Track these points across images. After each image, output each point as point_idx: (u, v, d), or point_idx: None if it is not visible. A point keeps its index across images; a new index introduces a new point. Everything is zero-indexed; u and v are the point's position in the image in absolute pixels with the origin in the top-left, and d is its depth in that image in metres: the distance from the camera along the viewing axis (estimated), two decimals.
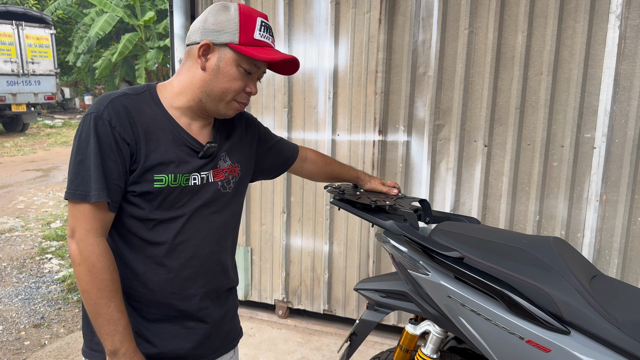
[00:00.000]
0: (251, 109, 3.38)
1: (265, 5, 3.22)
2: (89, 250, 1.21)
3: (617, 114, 2.58)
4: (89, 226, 1.22)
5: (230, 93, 1.32)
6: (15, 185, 8.40)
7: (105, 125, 1.22)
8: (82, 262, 1.21)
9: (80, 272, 1.21)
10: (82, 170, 1.21)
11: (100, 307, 1.21)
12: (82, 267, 1.21)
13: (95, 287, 1.21)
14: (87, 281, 1.21)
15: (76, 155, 1.22)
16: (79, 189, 1.21)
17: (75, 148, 1.23)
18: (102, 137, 1.22)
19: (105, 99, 1.26)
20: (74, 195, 1.21)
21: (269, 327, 3.45)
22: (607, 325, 1.32)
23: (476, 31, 2.78)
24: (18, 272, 4.66)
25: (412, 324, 1.82)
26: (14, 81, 14.45)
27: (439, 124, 2.93)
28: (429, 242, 1.59)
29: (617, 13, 2.51)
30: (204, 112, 1.36)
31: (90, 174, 1.21)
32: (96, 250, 1.21)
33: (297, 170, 1.82)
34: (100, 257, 1.22)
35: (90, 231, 1.22)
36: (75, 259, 1.22)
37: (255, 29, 1.29)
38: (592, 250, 2.72)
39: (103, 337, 1.23)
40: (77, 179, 1.21)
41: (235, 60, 1.29)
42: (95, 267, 1.21)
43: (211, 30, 1.29)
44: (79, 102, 23.98)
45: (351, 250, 3.27)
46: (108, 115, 1.23)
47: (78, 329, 3.54)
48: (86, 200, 1.20)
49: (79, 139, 1.23)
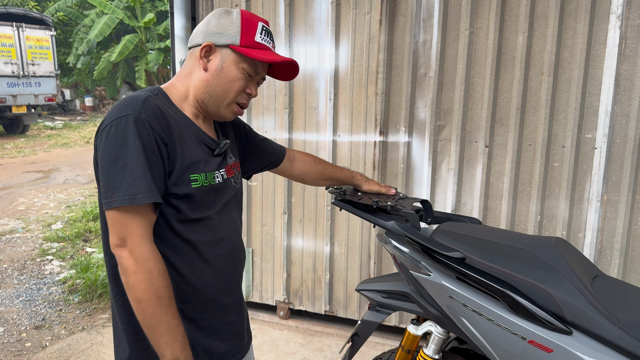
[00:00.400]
0: (252, 110, 3.39)
1: (266, 7, 3.22)
2: (145, 258, 1.16)
3: (618, 114, 2.58)
4: (142, 231, 1.17)
5: (231, 93, 1.34)
6: (16, 186, 8.40)
7: (146, 126, 1.18)
8: (138, 270, 1.15)
9: (137, 281, 1.15)
10: (125, 174, 1.15)
11: (159, 315, 1.17)
12: (139, 275, 1.15)
13: (154, 295, 1.16)
14: (144, 290, 1.15)
15: (116, 160, 1.16)
16: (126, 193, 1.14)
17: (114, 153, 1.16)
18: (144, 138, 1.17)
19: (136, 99, 1.22)
20: (122, 201, 1.14)
21: (270, 328, 3.45)
22: (609, 326, 1.32)
23: (477, 32, 2.78)
24: (19, 274, 4.66)
25: (413, 325, 1.82)
26: (14, 83, 14.45)
27: (439, 124, 2.93)
28: (430, 243, 1.59)
29: (618, 13, 2.51)
30: (206, 114, 1.40)
31: (137, 176, 1.15)
32: (152, 257, 1.17)
33: (289, 171, 1.84)
34: (157, 263, 1.18)
35: (144, 237, 1.17)
36: (130, 268, 1.15)
37: (256, 32, 1.33)
38: (593, 250, 2.72)
39: (162, 346, 1.18)
40: (123, 184, 1.15)
41: (236, 61, 1.32)
42: (153, 274, 1.16)
43: (213, 33, 1.32)
44: (79, 104, 23.97)
45: (352, 251, 3.27)
46: (146, 115, 1.19)
47: (79, 330, 3.55)
48: (136, 203, 1.14)
49: (115, 142, 1.16)
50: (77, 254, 5.18)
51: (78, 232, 5.83)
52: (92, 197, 7.75)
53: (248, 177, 1.76)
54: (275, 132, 3.34)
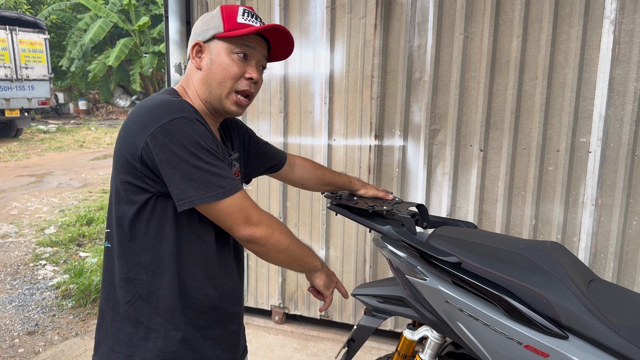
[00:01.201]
0: (247, 114, 3.38)
1: (261, 11, 3.22)
2: (272, 219, 1.31)
3: (611, 118, 2.60)
4: (253, 204, 1.29)
5: (227, 81, 1.33)
6: (9, 190, 8.35)
7: (202, 123, 1.25)
8: (275, 230, 1.30)
9: (279, 238, 1.30)
10: (212, 169, 1.21)
11: (300, 247, 1.38)
12: (277, 234, 1.30)
13: (291, 238, 1.35)
14: (285, 239, 1.32)
15: (193, 158, 1.19)
16: (225, 185, 1.22)
17: (187, 153, 1.19)
18: (206, 136, 1.24)
19: (175, 102, 1.24)
20: (225, 193, 1.22)
21: (265, 333, 3.44)
22: (605, 330, 1.32)
23: (471, 36, 2.79)
24: (12, 279, 4.62)
25: (409, 330, 1.82)
26: (7, 86, 14.39)
27: (434, 128, 2.94)
28: (426, 247, 1.59)
29: (611, 18, 2.53)
30: (214, 112, 1.40)
31: (221, 167, 1.24)
32: (271, 216, 1.33)
33: (288, 176, 1.85)
34: (275, 218, 1.34)
35: (254, 207, 1.28)
36: (267, 235, 1.28)
37: (237, 15, 1.34)
38: (588, 254, 2.72)
39: (311, 262, 1.42)
40: (212, 179, 1.21)
41: (225, 48, 1.33)
42: (283, 226, 1.34)
43: (199, 32, 1.37)
44: (73, 107, 23.87)
45: (348, 256, 3.27)
46: (197, 115, 1.25)
47: (72, 335, 3.52)
48: (231, 193, 1.23)
49: (186, 141, 1.19)
50: (70, 259, 5.15)
51: (71, 236, 5.80)
52: (85, 202, 7.71)
53: (247, 181, 1.76)
54: (271, 136, 3.33)
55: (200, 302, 1.33)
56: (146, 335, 1.30)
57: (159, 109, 1.21)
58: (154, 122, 1.19)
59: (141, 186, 1.24)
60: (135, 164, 1.22)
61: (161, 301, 1.29)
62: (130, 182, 1.25)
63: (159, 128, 1.18)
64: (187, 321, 1.32)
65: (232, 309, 1.43)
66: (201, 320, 1.35)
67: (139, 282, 1.30)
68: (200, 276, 1.32)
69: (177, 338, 1.31)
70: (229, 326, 1.43)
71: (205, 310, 1.35)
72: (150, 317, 1.30)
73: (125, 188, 1.26)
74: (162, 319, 1.30)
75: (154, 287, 1.29)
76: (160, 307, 1.30)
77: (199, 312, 1.34)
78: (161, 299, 1.29)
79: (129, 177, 1.25)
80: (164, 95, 1.29)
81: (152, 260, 1.29)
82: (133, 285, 1.30)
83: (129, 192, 1.26)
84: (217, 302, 1.37)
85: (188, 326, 1.32)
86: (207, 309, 1.35)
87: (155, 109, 1.22)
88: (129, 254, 1.30)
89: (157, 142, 1.18)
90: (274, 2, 3.18)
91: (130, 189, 1.26)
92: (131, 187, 1.25)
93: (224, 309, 1.39)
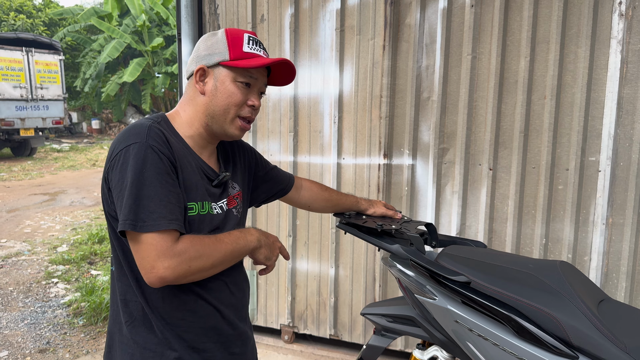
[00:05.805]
0: (257, 134, 3.42)
1: (272, 33, 3.28)
2: (186, 250, 1.20)
3: (621, 137, 2.60)
4: (170, 247, 1.19)
5: (231, 108, 1.35)
6: (22, 209, 8.45)
7: (155, 151, 1.20)
8: (192, 259, 1.20)
9: (201, 262, 1.22)
10: (145, 201, 1.17)
11: (225, 244, 1.26)
12: (195, 261, 1.20)
13: (213, 246, 1.24)
14: (209, 255, 1.23)
15: (132, 187, 1.17)
16: (146, 219, 1.16)
17: (128, 181, 1.17)
18: (156, 164, 1.19)
19: (141, 127, 1.24)
20: (143, 227, 1.16)
21: (274, 352, 3.42)
22: (615, 350, 1.31)
23: (479, 57, 2.82)
24: (24, 297, 4.66)
25: (419, 349, 1.81)
26: (22, 106, 14.65)
27: (443, 147, 2.95)
28: (435, 267, 1.59)
29: (619, 38, 2.55)
30: (213, 136, 1.41)
31: (157, 201, 1.17)
32: (188, 245, 1.21)
33: (295, 199, 1.85)
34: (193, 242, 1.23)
35: (169, 248, 1.18)
36: (184, 270, 1.20)
37: (243, 44, 1.35)
38: (599, 273, 2.70)
39: (244, 245, 1.31)
40: (143, 212, 1.16)
41: (230, 76, 1.34)
42: (199, 245, 1.23)
43: (203, 56, 1.36)
44: (86, 127, 24.22)
45: (357, 274, 3.26)
46: (154, 141, 1.21)
47: (83, 354, 3.53)
48: (156, 229, 1.16)
49: (128, 170, 1.18)
50: (82, 277, 5.18)
51: (83, 254, 5.84)
52: (97, 220, 7.78)
53: (258, 205, 1.76)
54: (280, 155, 3.37)
55: (195, 325, 1.34)
56: (142, 354, 1.32)
57: (122, 136, 1.25)
58: (114, 149, 1.24)
59: (115, 211, 1.24)
60: (106, 190, 1.27)
61: (154, 322, 1.31)
62: (108, 208, 1.29)
63: (115, 155, 1.22)
64: (182, 342, 1.33)
65: (231, 330, 1.42)
66: (198, 343, 1.35)
67: (134, 303, 1.32)
68: (187, 299, 1.32)
69: (172, 357, 1.31)
70: (231, 348, 1.42)
71: (200, 332, 1.35)
72: (146, 338, 1.32)
73: (109, 213, 1.30)
74: (157, 339, 1.32)
75: (146, 309, 1.31)
76: (154, 328, 1.32)
77: (195, 334, 1.34)
78: (154, 320, 1.31)
79: (105, 204, 1.29)
80: (142, 119, 1.30)
81: (137, 283, 1.30)
82: (129, 307, 1.33)
83: (110, 218, 1.30)
84: (212, 323, 1.37)
85: (183, 347, 1.33)
86: (202, 330, 1.35)
87: (120, 135, 1.26)
88: (123, 276, 1.33)
89: (112, 167, 1.22)
90: (285, 25, 3.24)
91: (110, 214, 1.29)
92: (111, 212, 1.28)
93: (221, 330, 1.39)
